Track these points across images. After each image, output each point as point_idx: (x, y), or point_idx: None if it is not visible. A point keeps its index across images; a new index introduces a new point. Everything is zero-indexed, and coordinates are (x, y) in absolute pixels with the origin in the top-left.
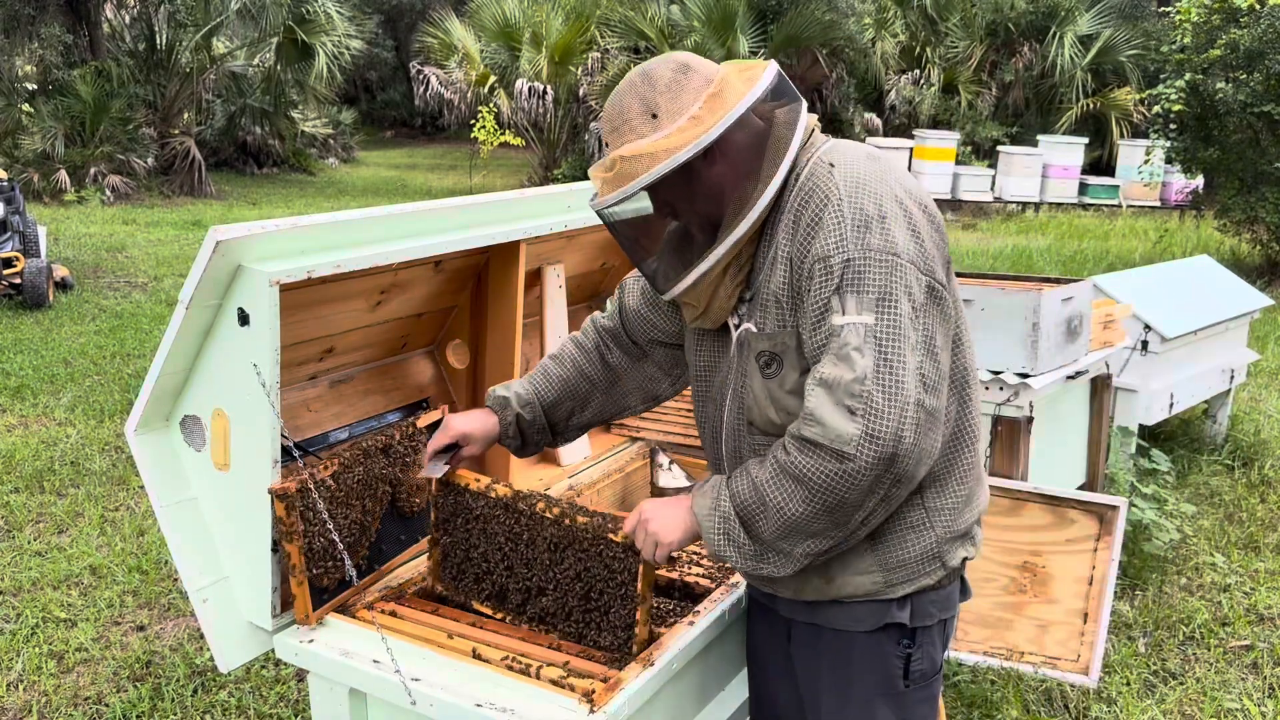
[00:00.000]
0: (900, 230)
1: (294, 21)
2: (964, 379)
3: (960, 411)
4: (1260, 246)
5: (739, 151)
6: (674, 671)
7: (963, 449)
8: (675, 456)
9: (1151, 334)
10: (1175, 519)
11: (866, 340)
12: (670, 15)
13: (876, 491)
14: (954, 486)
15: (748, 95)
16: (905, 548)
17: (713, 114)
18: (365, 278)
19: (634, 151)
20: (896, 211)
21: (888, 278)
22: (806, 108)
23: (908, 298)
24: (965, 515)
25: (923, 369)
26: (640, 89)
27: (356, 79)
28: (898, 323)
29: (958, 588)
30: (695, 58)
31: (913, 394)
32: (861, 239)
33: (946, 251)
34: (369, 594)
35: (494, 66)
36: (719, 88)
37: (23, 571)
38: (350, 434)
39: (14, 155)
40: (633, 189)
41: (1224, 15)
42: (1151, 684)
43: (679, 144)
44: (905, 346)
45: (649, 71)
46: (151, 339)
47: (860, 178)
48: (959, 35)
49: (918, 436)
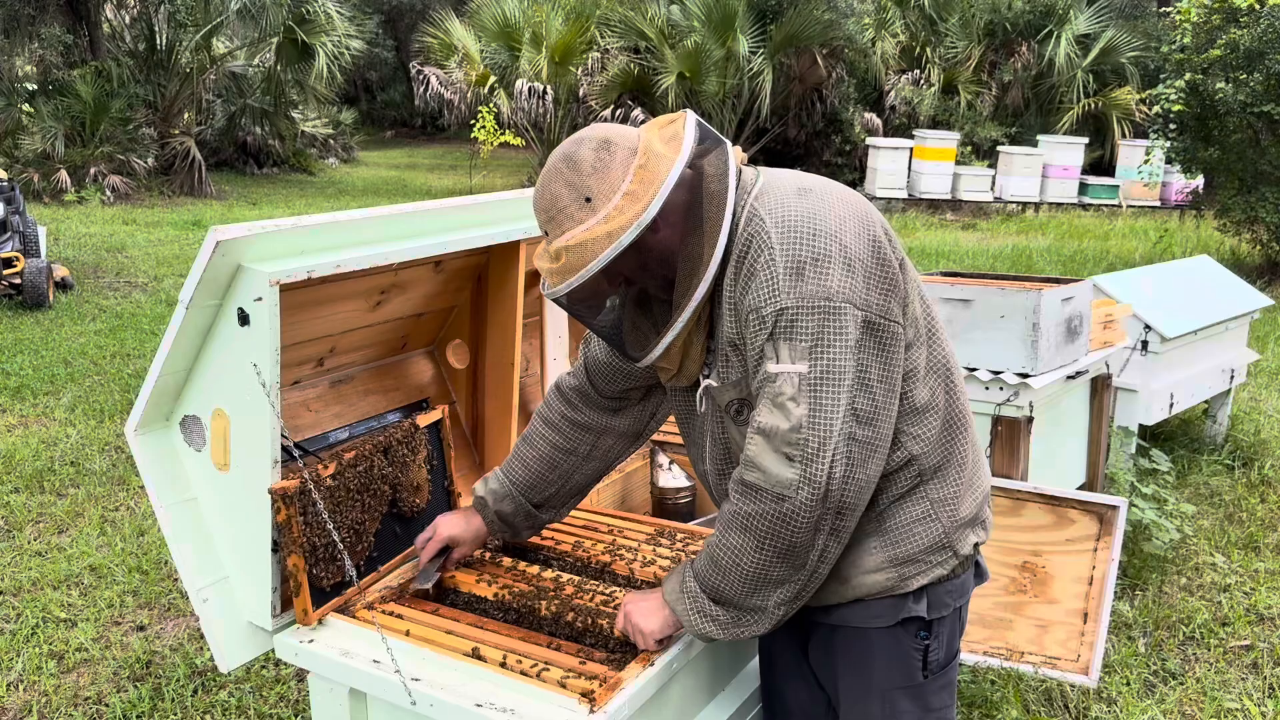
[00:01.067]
0: (834, 270)
1: (294, 21)
2: (945, 370)
3: (948, 401)
4: (1260, 246)
5: (679, 212)
6: (674, 671)
7: (957, 436)
8: (675, 456)
9: (1151, 334)
10: (1175, 519)
11: (801, 389)
12: (670, 15)
13: (821, 528)
14: (954, 474)
15: (676, 160)
16: (914, 541)
17: (646, 186)
18: (365, 278)
19: (577, 240)
20: (830, 249)
21: (821, 324)
22: (730, 148)
23: (840, 339)
24: (969, 500)
25: (855, 404)
26: (567, 175)
27: (356, 79)
28: (830, 367)
29: (972, 574)
30: (614, 130)
31: (841, 431)
32: (794, 287)
33: (891, 269)
34: (369, 594)
35: (494, 66)
36: (644, 158)
37: (23, 571)
38: (350, 434)
39: (14, 155)
40: (585, 276)
41: (1224, 15)
42: (1151, 684)
43: (621, 225)
44: (839, 389)
45: (570, 156)
46: (151, 339)
47: (790, 220)
48: (958, 35)
49: (849, 469)
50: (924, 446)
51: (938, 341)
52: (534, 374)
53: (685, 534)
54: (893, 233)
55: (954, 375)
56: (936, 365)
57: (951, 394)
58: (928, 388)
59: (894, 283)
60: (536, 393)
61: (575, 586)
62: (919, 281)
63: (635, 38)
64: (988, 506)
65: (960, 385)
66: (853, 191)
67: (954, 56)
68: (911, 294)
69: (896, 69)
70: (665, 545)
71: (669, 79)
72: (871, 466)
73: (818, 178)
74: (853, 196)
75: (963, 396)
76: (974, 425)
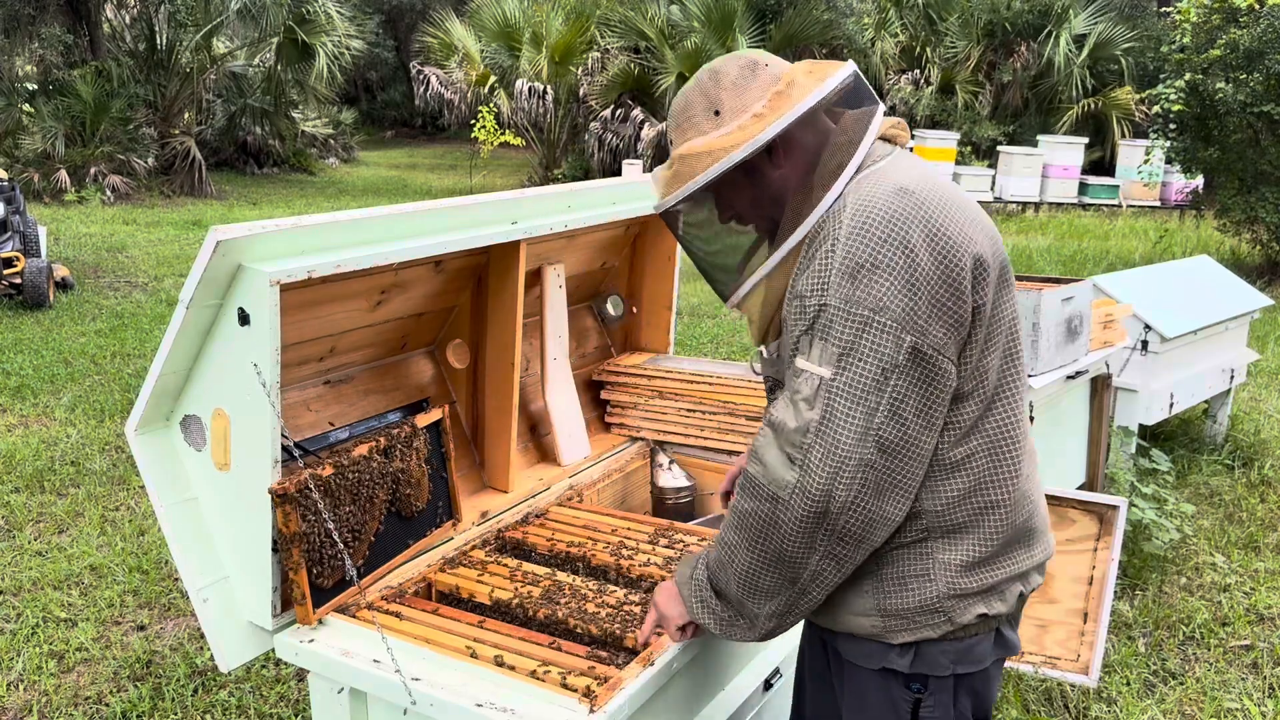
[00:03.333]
0: (891, 283)
1: (294, 21)
2: (1000, 442)
3: (991, 473)
4: (1260, 246)
5: (804, 154)
6: (674, 671)
7: (990, 512)
8: (675, 456)
9: (1151, 334)
10: (1175, 519)
11: (819, 393)
12: (670, 15)
13: (815, 547)
14: (970, 543)
15: (813, 93)
16: (905, 596)
17: (775, 112)
18: (365, 278)
19: (693, 150)
20: (895, 261)
21: (858, 334)
22: (879, 113)
23: (875, 356)
24: (985, 574)
25: (881, 432)
26: (706, 85)
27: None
28: (856, 381)
29: (985, 641)
30: (767, 55)
31: (853, 453)
32: (842, 286)
33: (963, 306)
34: (369, 594)
35: (494, 66)
36: (785, 85)
37: (23, 571)
38: (350, 434)
39: (14, 155)
40: (690, 189)
41: (1224, 15)
42: (1151, 684)
43: (738, 141)
44: (857, 407)
45: (716, 69)
46: (152, 339)
47: (868, 215)
48: (958, 35)
49: (857, 496)
50: (937, 505)
51: (1004, 410)
52: (534, 374)
53: (685, 534)
54: (1000, 274)
55: (1003, 446)
56: (990, 433)
57: (996, 462)
58: (966, 449)
59: (960, 322)
60: (536, 392)
61: (575, 586)
62: (1014, 342)
63: (635, 38)
64: (1020, 583)
65: (1011, 457)
66: (978, 214)
67: (953, 56)
68: (991, 347)
69: (896, 69)
70: (665, 545)
71: (669, 79)
72: (889, 503)
73: (945, 184)
74: (968, 218)
75: (1010, 469)
76: (1030, 509)
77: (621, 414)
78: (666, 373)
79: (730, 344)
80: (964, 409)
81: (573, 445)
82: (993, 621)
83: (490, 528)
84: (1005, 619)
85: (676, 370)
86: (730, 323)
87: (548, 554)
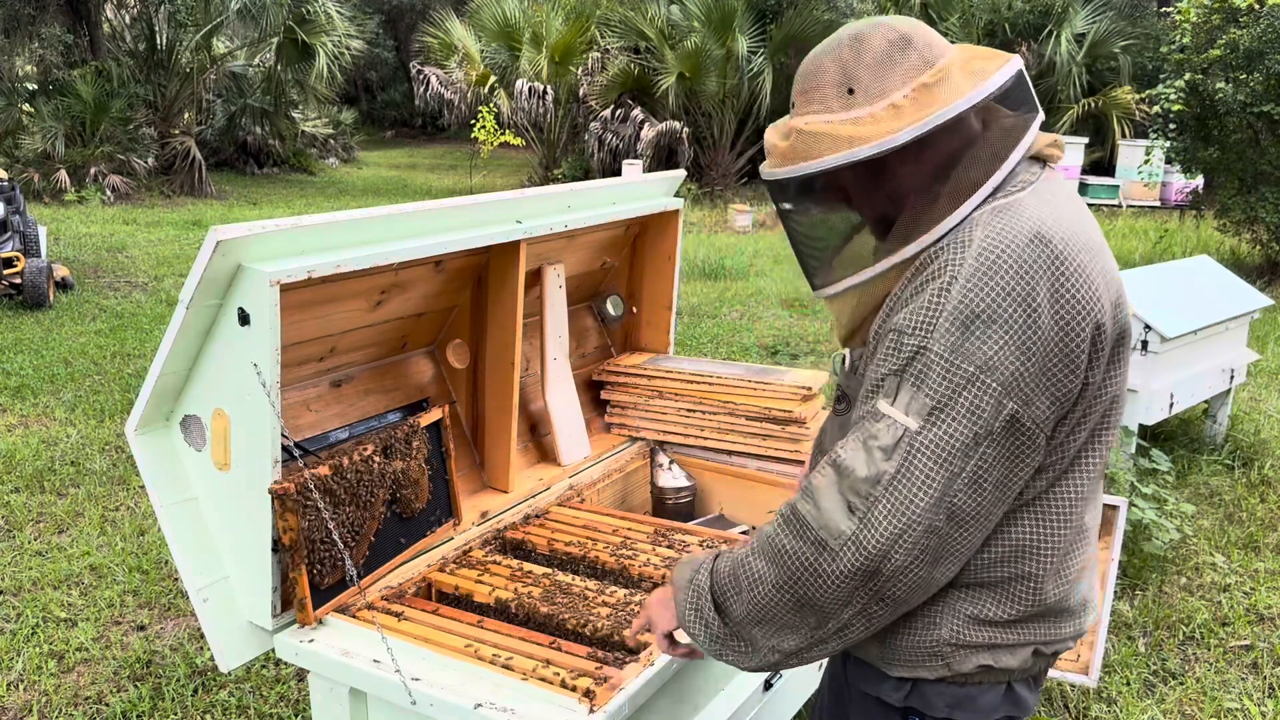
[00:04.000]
0: (1004, 341)
1: (294, 21)
2: (1053, 509)
3: (1034, 539)
4: (1260, 246)
5: (940, 154)
6: (674, 671)
7: (1021, 578)
8: (675, 456)
9: (1151, 334)
10: (1175, 519)
11: (900, 445)
12: (670, 15)
13: (853, 603)
14: (990, 603)
15: (966, 97)
16: (908, 633)
17: (917, 109)
18: (365, 278)
19: (815, 129)
20: (1015, 317)
21: (956, 391)
22: (1035, 125)
23: (970, 421)
24: (996, 634)
25: (955, 500)
26: (844, 54)
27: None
28: (942, 443)
29: (991, 694)
30: (922, 29)
31: (923, 518)
32: (950, 334)
33: (1074, 381)
34: (369, 594)
35: (494, 66)
36: (936, 77)
37: (23, 571)
38: (350, 434)
39: (14, 155)
40: (801, 171)
41: (1224, 15)
42: (1151, 684)
43: (867, 136)
44: (938, 470)
45: (861, 36)
46: (152, 339)
47: (997, 257)
48: (958, 35)
49: (911, 562)
50: (968, 566)
51: (1071, 487)
52: (534, 374)
53: (685, 534)
54: (1116, 344)
55: (1063, 529)
56: (1049, 506)
57: (1045, 542)
58: (1016, 516)
59: (1067, 397)
60: (536, 392)
61: (575, 586)
62: (1109, 420)
63: (635, 38)
64: (1040, 647)
65: (1068, 546)
66: (1109, 266)
67: None
68: (1083, 425)
69: None
70: (665, 545)
71: (669, 79)
72: (940, 570)
73: (1087, 228)
74: (1100, 272)
75: (1061, 556)
76: (1066, 590)
77: (621, 414)
78: (666, 373)
79: (730, 344)
80: (1033, 481)
81: (573, 445)
82: (1000, 674)
83: (490, 528)
84: (1018, 675)
85: (676, 370)
86: (730, 323)
87: (548, 554)
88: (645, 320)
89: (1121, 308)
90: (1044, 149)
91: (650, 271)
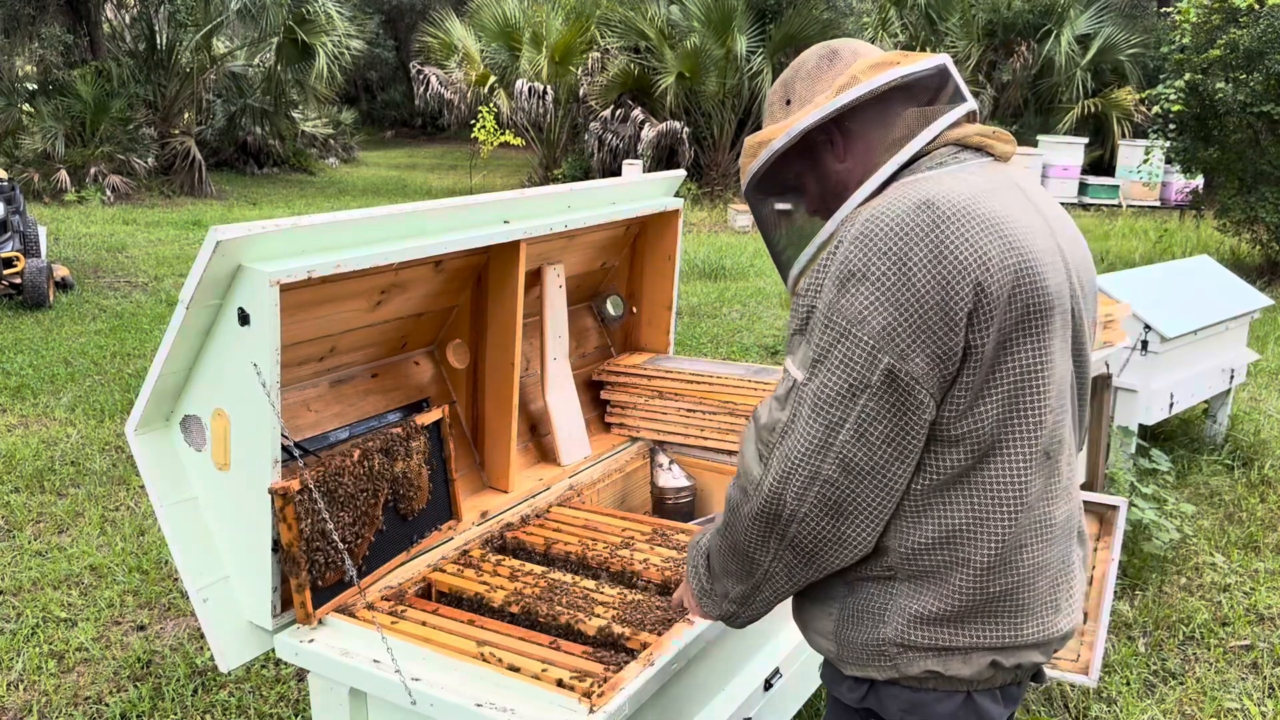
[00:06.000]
0: (875, 296)
1: (294, 21)
2: (986, 491)
3: (967, 522)
4: (1260, 246)
5: (866, 149)
6: (674, 671)
7: (958, 564)
8: (675, 456)
9: (1151, 334)
10: (1175, 519)
11: (791, 395)
12: (670, 15)
13: (768, 547)
14: (931, 596)
15: (859, 86)
16: (858, 629)
17: (830, 101)
18: (365, 278)
19: (756, 137)
20: (887, 276)
21: (833, 343)
22: (948, 117)
23: (844, 371)
24: (941, 633)
25: (845, 452)
26: (786, 76)
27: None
28: (823, 391)
29: (947, 702)
30: (850, 45)
31: (805, 463)
32: (830, 292)
33: (953, 341)
34: (369, 594)
35: (494, 66)
36: (848, 78)
37: (23, 571)
38: (350, 434)
39: (14, 155)
40: (752, 167)
41: (1224, 15)
42: (1151, 684)
43: (785, 128)
44: (816, 417)
45: (802, 59)
46: (152, 339)
47: (876, 225)
48: (958, 35)
49: (809, 510)
50: (903, 546)
51: (1003, 468)
52: (534, 374)
53: (685, 534)
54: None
55: (1000, 513)
56: (979, 487)
57: (981, 526)
58: (944, 497)
59: (948, 355)
60: (536, 392)
61: (575, 586)
62: (1034, 399)
63: (635, 38)
64: (998, 655)
65: (1011, 532)
66: (1033, 249)
67: (953, 56)
68: (988, 395)
69: None
70: (665, 545)
71: (669, 79)
72: (849, 526)
73: (1005, 211)
74: (1004, 250)
75: (1005, 545)
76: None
77: (621, 414)
78: (666, 373)
79: (730, 344)
80: (949, 453)
81: (573, 445)
82: (956, 684)
83: (490, 528)
84: (979, 686)
85: (676, 370)
86: (730, 322)
87: (548, 554)
88: (645, 320)
89: (1034, 279)
90: (983, 139)
91: (650, 271)
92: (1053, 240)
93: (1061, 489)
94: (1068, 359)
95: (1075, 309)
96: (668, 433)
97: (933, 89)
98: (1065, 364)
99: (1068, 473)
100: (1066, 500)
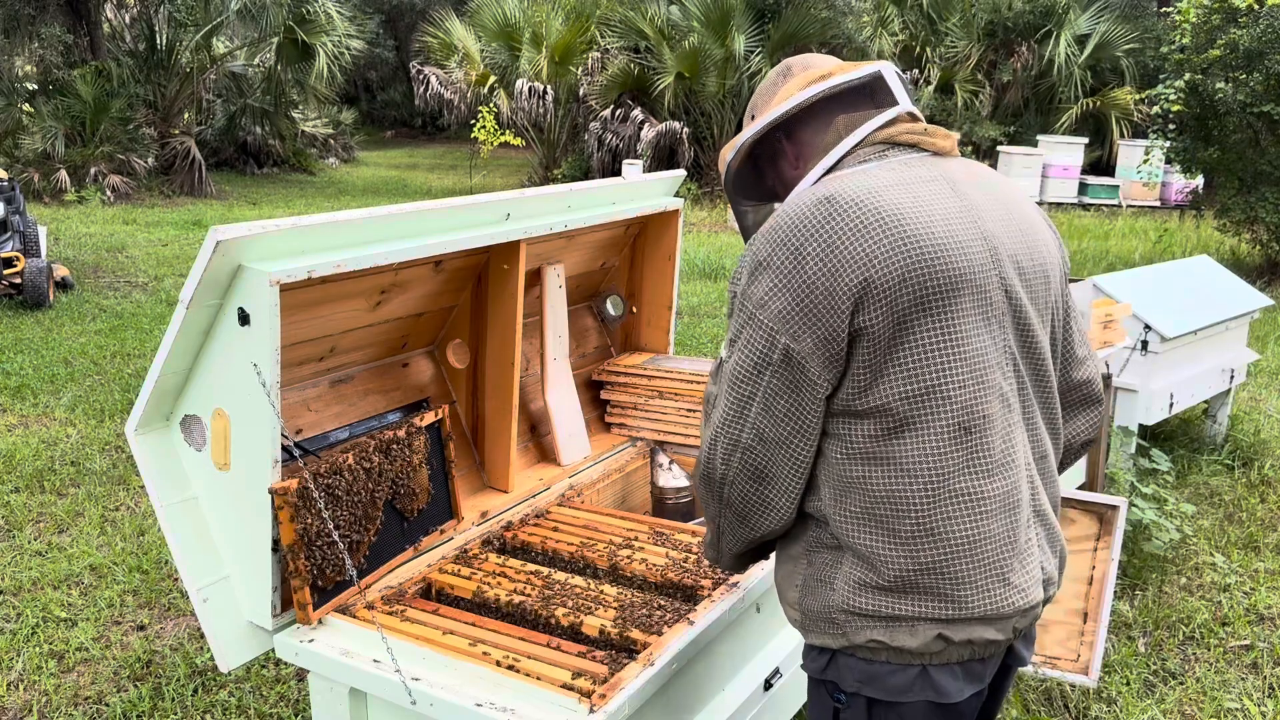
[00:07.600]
0: (774, 283)
1: (294, 21)
2: (904, 465)
3: (888, 495)
4: (1260, 246)
5: (799, 146)
6: (674, 671)
7: (887, 535)
8: (675, 456)
9: (1151, 334)
10: (1175, 519)
11: (718, 371)
12: (670, 15)
13: (712, 505)
14: (868, 566)
15: (793, 98)
16: (815, 597)
17: (764, 117)
18: (365, 278)
19: (722, 151)
20: (784, 264)
21: (743, 326)
22: (878, 120)
23: (750, 350)
24: (883, 602)
25: (759, 423)
26: (754, 95)
27: (357, 79)
28: (734, 369)
29: (900, 674)
30: (803, 59)
31: (725, 431)
32: (742, 280)
33: (837, 323)
34: (369, 594)
35: (494, 66)
36: (784, 94)
37: (23, 571)
38: (350, 434)
39: (14, 155)
40: (723, 178)
41: (1223, 15)
42: (1151, 684)
43: (734, 144)
44: (732, 391)
45: (767, 77)
46: (152, 339)
47: (781, 220)
48: (958, 35)
49: (734, 474)
50: (838, 517)
51: (921, 444)
52: (534, 374)
53: (685, 534)
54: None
55: (920, 486)
56: (898, 462)
57: (901, 498)
58: (863, 470)
59: (830, 338)
60: (536, 392)
61: (575, 586)
62: (942, 378)
63: (635, 38)
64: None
65: (936, 505)
66: (911, 235)
67: (953, 56)
68: (887, 373)
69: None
70: (665, 545)
71: (668, 79)
72: (770, 490)
73: (895, 196)
74: (895, 239)
75: (931, 518)
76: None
77: (621, 414)
78: (666, 373)
79: None
80: (859, 425)
81: (573, 445)
82: (907, 656)
83: (490, 528)
84: (935, 661)
85: (676, 370)
86: None
87: (548, 554)
88: (645, 320)
89: (931, 264)
90: (914, 137)
91: (650, 271)
92: (975, 227)
93: (994, 464)
94: (992, 335)
95: (1009, 289)
96: (668, 433)
97: (869, 94)
98: (985, 340)
99: (1003, 447)
100: (1005, 475)
